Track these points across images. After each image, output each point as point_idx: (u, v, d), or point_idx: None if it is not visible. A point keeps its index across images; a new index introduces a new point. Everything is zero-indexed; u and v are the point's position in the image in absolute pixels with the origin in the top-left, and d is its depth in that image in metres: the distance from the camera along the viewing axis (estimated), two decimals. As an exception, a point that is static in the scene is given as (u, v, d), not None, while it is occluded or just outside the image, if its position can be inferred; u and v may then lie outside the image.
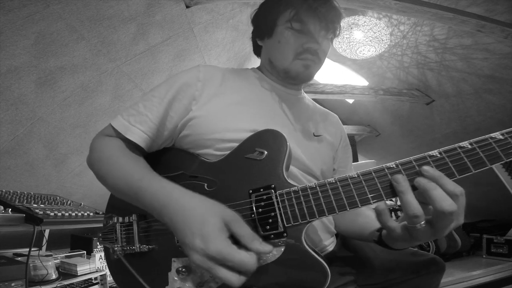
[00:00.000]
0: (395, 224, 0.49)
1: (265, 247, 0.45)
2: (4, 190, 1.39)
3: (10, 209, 1.14)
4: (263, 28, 0.75)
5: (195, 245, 0.42)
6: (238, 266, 0.42)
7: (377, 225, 0.65)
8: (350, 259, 0.74)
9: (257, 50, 0.83)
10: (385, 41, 2.17)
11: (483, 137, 0.46)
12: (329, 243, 0.73)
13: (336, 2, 0.72)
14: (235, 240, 0.45)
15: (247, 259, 0.42)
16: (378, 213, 0.49)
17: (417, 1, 1.66)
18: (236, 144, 0.60)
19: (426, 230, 0.45)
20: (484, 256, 2.46)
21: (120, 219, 0.64)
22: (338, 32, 0.74)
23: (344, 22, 2.08)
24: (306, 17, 0.68)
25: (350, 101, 3.39)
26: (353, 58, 2.39)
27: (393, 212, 2.47)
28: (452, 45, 2.15)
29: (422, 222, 0.44)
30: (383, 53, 2.42)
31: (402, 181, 0.45)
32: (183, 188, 0.51)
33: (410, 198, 0.44)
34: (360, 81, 2.98)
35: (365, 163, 2.76)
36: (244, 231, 0.45)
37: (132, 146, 0.64)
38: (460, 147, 0.46)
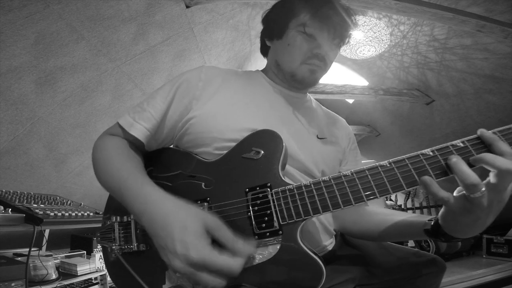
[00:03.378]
0: (448, 194, 0.46)
1: (248, 248, 0.44)
2: (4, 190, 1.39)
3: (10, 209, 1.14)
4: (274, 29, 0.75)
5: (176, 251, 0.42)
6: (222, 271, 0.41)
7: (410, 219, 0.62)
8: (350, 258, 0.74)
9: (265, 50, 0.82)
10: (385, 41, 2.17)
11: (473, 136, 0.47)
12: (328, 244, 0.73)
13: (351, 12, 0.71)
14: (217, 244, 0.44)
15: (231, 262, 0.42)
16: (426, 185, 0.45)
17: (417, 1, 1.66)
18: (234, 144, 0.60)
19: (488, 196, 0.44)
20: (484, 256, 2.47)
21: (119, 218, 0.65)
22: (347, 41, 0.74)
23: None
24: (319, 23, 0.68)
25: (350, 101, 3.40)
26: (353, 58, 2.39)
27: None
28: (452, 45, 2.15)
29: (483, 189, 0.43)
30: (383, 53, 2.42)
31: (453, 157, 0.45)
32: (164, 193, 0.51)
33: (464, 167, 0.44)
34: (360, 81, 2.98)
35: (365, 163, 2.76)
36: (225, 234, 0.44)
37: (133, 146, 0.65)
38: (452, 146, 0.47)
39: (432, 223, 0.55)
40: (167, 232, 0.44)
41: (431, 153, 0.47)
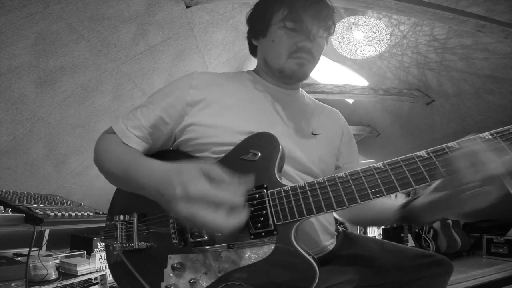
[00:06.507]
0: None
1: (246, 182, 0.47)
2: (4, 190, 1.39)
3: (10, 209, 1.14)
4: (257, 27, 0.75)
5: (176, 195, 0.44)
6: (224, 201, 0.43)
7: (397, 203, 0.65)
8: (351, 259, 0.73)
9: (253, 50, 0.82)
10: (385, 41, 2.17)
11: (469, 136, 0.47)
12: (329, 244, 0.73)
13: (329, 0, 0.72)
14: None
15: (232, 192, 0.43)
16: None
17: (417, 1, 1.66)
18: (232, 147, 0.61)
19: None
20: (484, 256, 2.47)
21: (122, 217, 0.67)
22: (332, 30, 0.74)
23: (344, 22, 2.08)
24: (299, 15, 0.68)
25: (350, 101, 3.39)
26: (353, 58, 2.39)
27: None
28: (452, 45, 2.15)
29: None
30: (383, 53, 2.42)
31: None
32: (165, 162, 0.53)
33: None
34: (360, 81, 2.98)
35: (365, 163, 2.76)
36: (220, 173, 0.46)
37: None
38: (447, 147, 0.47)
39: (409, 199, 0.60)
40: (167, 183, 0.46)
41: (425, 155, 0.48)
